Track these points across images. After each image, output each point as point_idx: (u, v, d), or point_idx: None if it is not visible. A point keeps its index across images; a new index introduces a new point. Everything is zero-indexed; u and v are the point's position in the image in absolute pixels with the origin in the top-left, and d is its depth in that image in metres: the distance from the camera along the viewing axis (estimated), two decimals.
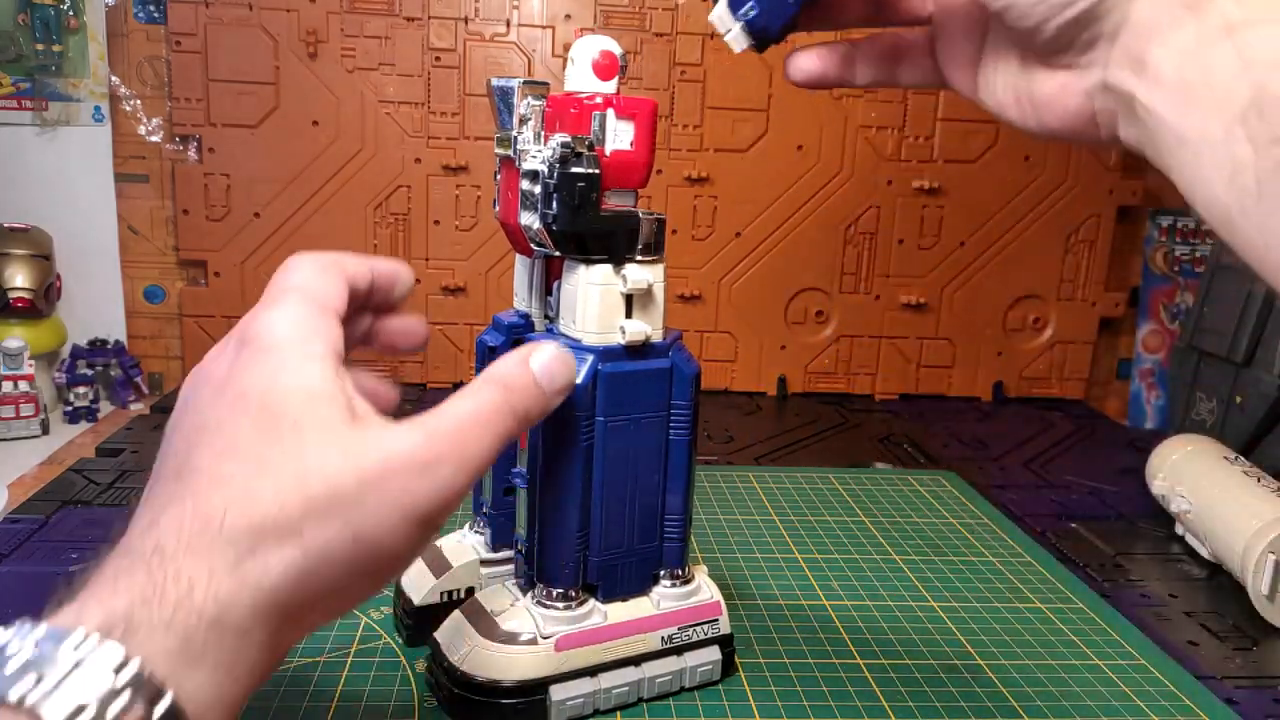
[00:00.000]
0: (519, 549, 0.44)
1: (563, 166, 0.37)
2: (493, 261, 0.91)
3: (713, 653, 0.45)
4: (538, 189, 0.38)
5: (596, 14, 0.87)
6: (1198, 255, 0.97)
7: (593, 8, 0.87)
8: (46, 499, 0.63)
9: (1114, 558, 0.63)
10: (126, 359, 0.88)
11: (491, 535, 0.47)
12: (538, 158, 0.38)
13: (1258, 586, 0.54)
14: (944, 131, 0.92)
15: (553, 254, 0.41)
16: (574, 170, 0.37)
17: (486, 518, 0.47)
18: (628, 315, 0.41)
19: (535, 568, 0.42)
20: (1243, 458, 0.64)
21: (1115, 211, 0.96)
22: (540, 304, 0.44)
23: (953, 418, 0.92)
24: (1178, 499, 0.63)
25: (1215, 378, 0.80)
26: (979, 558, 0.61)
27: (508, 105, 0.40)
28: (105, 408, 0.87)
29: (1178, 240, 0.97)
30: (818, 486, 0.71)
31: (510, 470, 0.43)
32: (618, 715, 0.43)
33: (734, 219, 0.92)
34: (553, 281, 0.42)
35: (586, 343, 0.40)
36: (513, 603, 0.42)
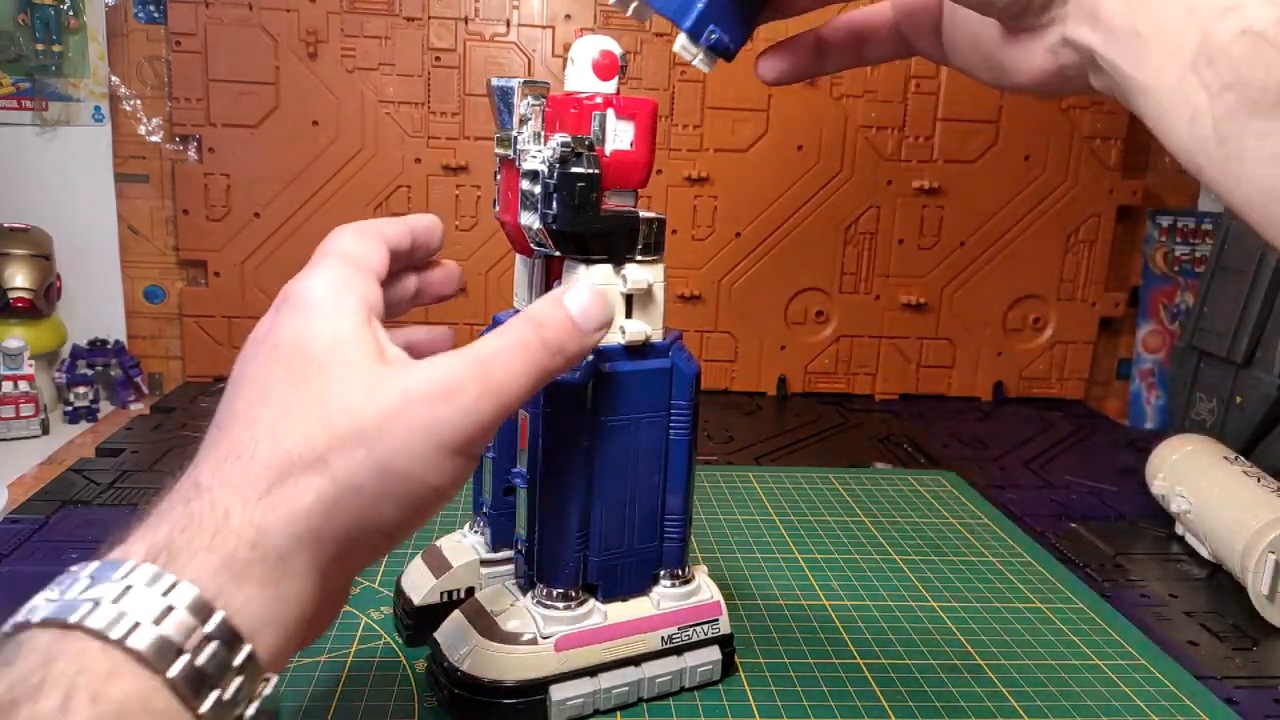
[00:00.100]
0: (519, 549, 0.44)
1: (563, 166, 0.37)
2: (493, 261, 0.91)
3: (713, 653, 0.45)
4: (538, 189, 0.38)
5: (596, 14, 0.87)
6: (1198, 255, 0.97)
7: (593, 8, 0.87)
8: (46, 499, 0.63)
9: (1114, 558, 0.63)
10: (126, 359, 0.88)
11: (491, 535, 0.47)
12: (538, 158, 0.38)
13: (1258, 586, 0.54)
14: (944, 131, 0.92)
15: (553, 254, 0.41)
16: (574, 170, 0.37)
17: (486, 518, 0.47)
18: (628, 315, 0.41)
19: (535, 568, 0.42)
20: (1243, 458, 0.64)
21: (1115, 211, 0.96)
22: None
23: (953, 418, 0.92)
24: (1178, 499, 0.63)
25: (1215, 378, 0.80)
26: (979, 558, 0.61)
27: (508, 105, 0.40)
28: (105, 408, 0.87)
29: (1178, 240, 0.97)
30: (818, 486, 0.71)
31: (510, 470, 0.43)
32: (618, 715, 0.43)
33: (734, 219, 0.92)
34: (553, 281, 0.42)
35: None
36: (513, 603, 0.42)
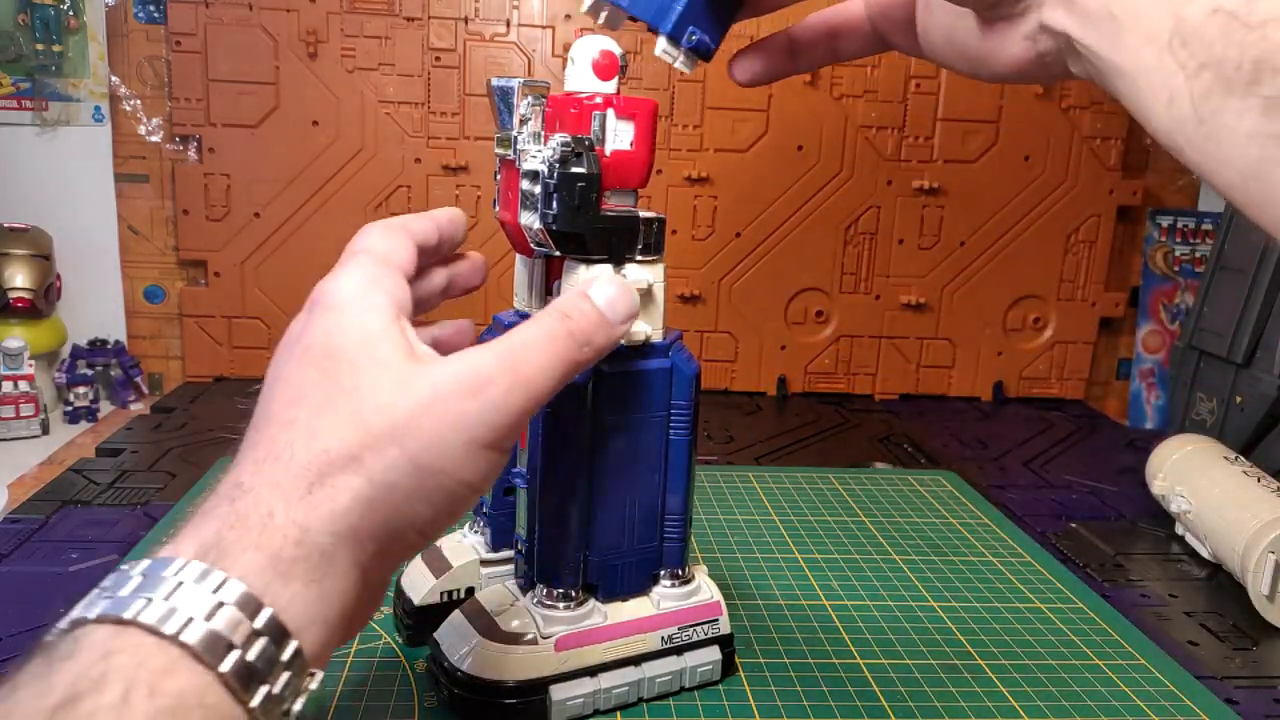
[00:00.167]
0: (519, 549, 0.44)
1: (563, 166, 0.37)
2: (493, 261, 0.91)
3: (713, 653, 0.45)
4: (538, 189, 0.38)
5: None
6: (1198, 255, 0.97)
7: None
8: (46, 499, 0.63)
9: (1114, 558, 0.63)
10: (126, 359, 0.88)
11: (491, 535, 0.47)
12: (538, 158, 0.38)
13: (1258, 586, 0.54)
14: (944, 131, 0.92)
15: (553, 254, 0.41)
16: (574, 170, 0.37)
17: (486, 518, 0.47)
18: None
19: (535, 568, 0.42)
20: (1243, 458, 0.64)
21: (1115, 211, 0.96)
22: (540, 304, 0.44)
23: (953, 418, 0.92)
24: (1178, 499, 0.63)
25: (1215, 378, 0.80)
26: (979, 558, 0.61)
27: (508, 105, 0.40)
28: (105, 408, 0.87)
29: (1178, 240, 0.97)
30: (818, 486, 0.71)
31: (510, 470, 0.43)
32: (618, 715, 0.43)
33: (734, 219, 0.92)
34: (553, 281, 0.42)
35: None
36: (513, 603, 0.42)
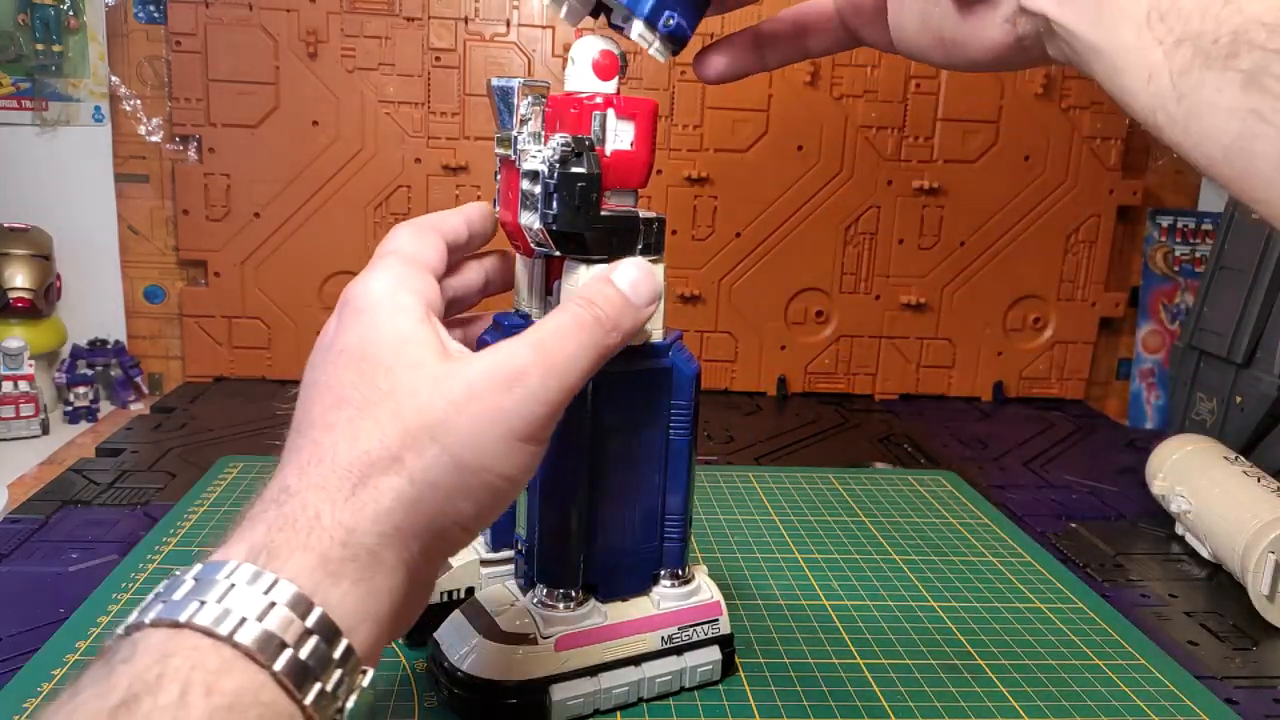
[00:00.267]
0: (519, 549, 0.44)
1: (563, 166, 0.37)
2: None
3: (713, 653, 0.45)
4: (538, 189, 0.38)
5: None
6: (1198, 255, 0.97)
7: None
8: (46, 499, 0.63)
9: (1114, 558, 0.63)
10: (126, 359, 0.88)
11: (491, 535, 0.47)
12: (538, 158, 0.38)
13: (1258, 586, 0.54)
14: (944, 131, 0.92)
15: (553, 254, 0.41)
16: (574, 170, 0.37)
17: None
18: None
19: (535, 567, 0.42)
20: (1243, 458, 0.64)
21: (1115, 211, 0.96)
22: (541, 304, 0.44)
23: (953, 418, 0.92)
24: (1178, 499, 0.63)
25: (1215, 378, 0.80)
26: (979, 558, 0.61)
27: (508, 105, 0.40)
28: (105, 408, 0.87)
29: (1178, 240, 0.97)
30: (818, 486, 0.71)
31: None
32: (618, 715, 0.43)
33: (734, 219, 0.92)
34: (553, 281, 0.42)
35: None
36: (513, 603, 0.42)
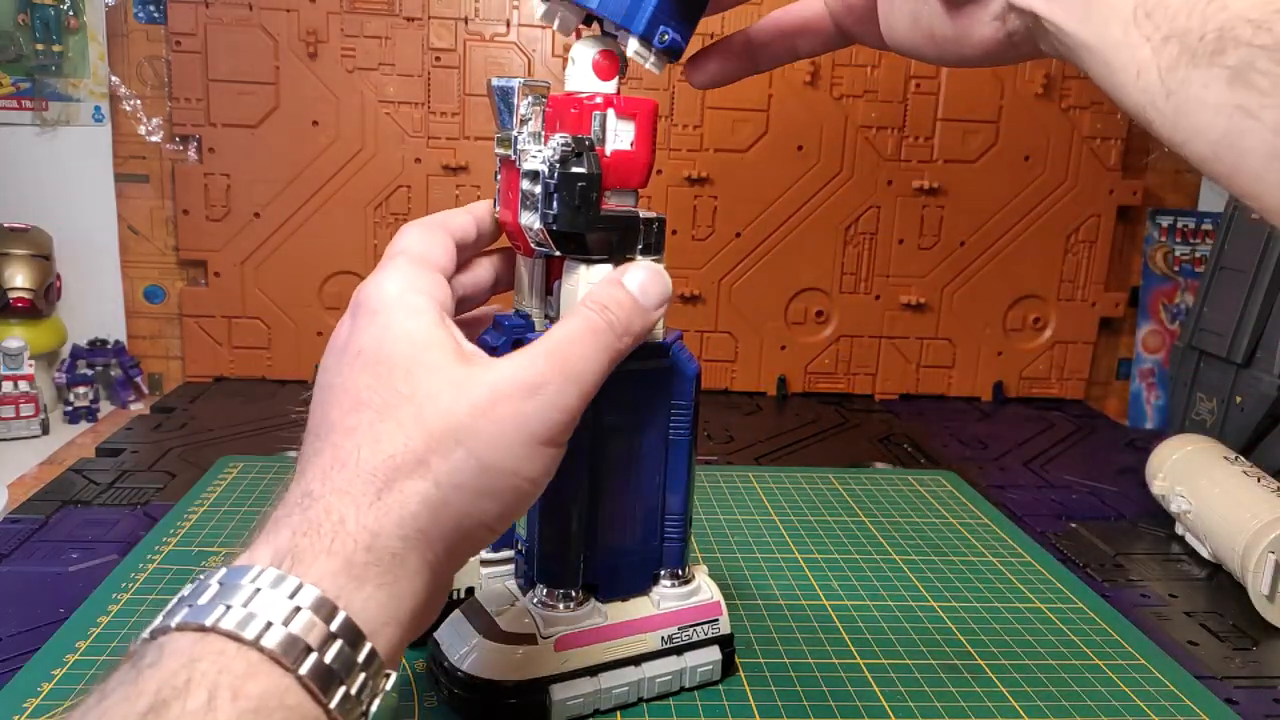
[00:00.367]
0: (519, 549, 0.44)
1: (563, 166, 0.37)
2: None
3: (713, 653, 0.45)
4: (538, 189, 0.38)
5: None
6: (1198, 255, 0.97)
7: None
8: (46, 499, 0.63)
9: (1114, 558, 0.63)
10: (126, 359, 0.88)
11: None
12: (538, 158, 0.38)
13: (1258, 586, 0.54)
14: (944, 131, 0.92)
15: (553, 254, 0.41)
16: (574, 170, 0.37)
17: None
18: None
19: (535, 567, 0.42)
20: (1243, 458, 0.64)
21: (1115, 211, 0.96)
22: (541, 304, 0.44)
23: (953, 418, 0.92)
24: (1178, 499, 0.63)
25: (1215, 378, 0.80)
26: (979, 558, 0.61)
27: (508, 105, 0.40)
28: (105, 408, 0.87)
29: (1178, 240, 0.97)
30: (818, 486, 0.71)
31: None
32: (618, 715, 0.43)
33: (734, 219, 0.92)
34: (553, 281, 0.42)
35: None
36: (513, 602, 0.42)
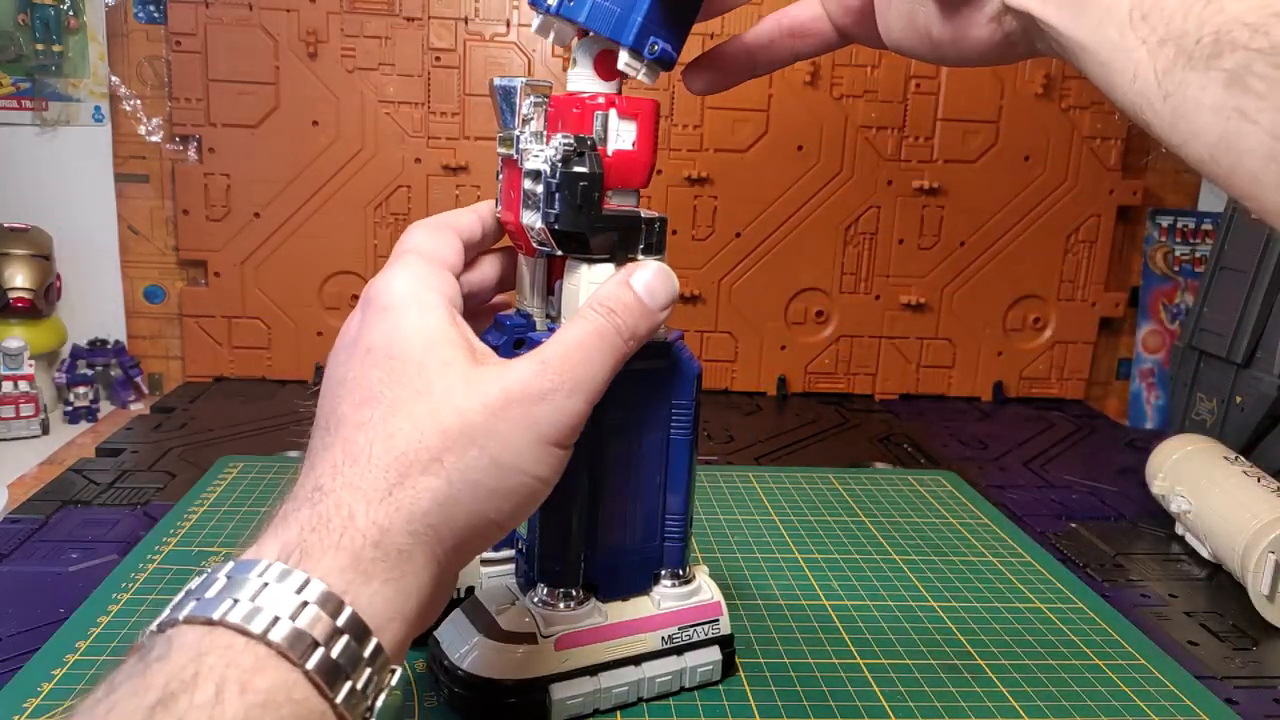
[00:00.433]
0: (519, 548, 0.44)
1: (565, 166, 0.37)
2: None
3: (713, 653, 0.45)
4: (540, 188, 0.38)
5: None
6: (1198, 255, 0.97)
7: None
8: (46, 499, 0.63)
9: (1114, 558, 0.63)
10: (126, 359, 0.88)
11: None
12: (540, 157, 0.38)
13: (1258, 586, 0.54)
14: (944, 131, 0.92)
15: (555, 253, 0.41)
16: (576, 169, 0.37)
17: None
18: None
19: (535, 567, 0.42)
20: (1243, 458, 0.64)
21: (1115, 211, 0.96)
22: (542, 303, 0.44)
23: (953, 418, 0.92)
24: (1178, 499, 0.63)
25: (1215, 378, 0.80)
26: (979, 558, 0.61)
27: (510, 105, 0.40)
28: (105, 408, 0.87)
29: (1178, 240, 0.97)
30: (818, 486, 0.71)
31: None
32: (618, 715, 0.43)
33: (734, 219, 0.92)
34: (555, 281, 0.42)
35: None
36: (513, 602, 0.42)
